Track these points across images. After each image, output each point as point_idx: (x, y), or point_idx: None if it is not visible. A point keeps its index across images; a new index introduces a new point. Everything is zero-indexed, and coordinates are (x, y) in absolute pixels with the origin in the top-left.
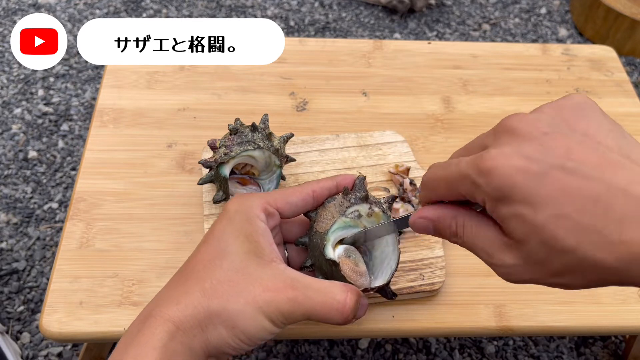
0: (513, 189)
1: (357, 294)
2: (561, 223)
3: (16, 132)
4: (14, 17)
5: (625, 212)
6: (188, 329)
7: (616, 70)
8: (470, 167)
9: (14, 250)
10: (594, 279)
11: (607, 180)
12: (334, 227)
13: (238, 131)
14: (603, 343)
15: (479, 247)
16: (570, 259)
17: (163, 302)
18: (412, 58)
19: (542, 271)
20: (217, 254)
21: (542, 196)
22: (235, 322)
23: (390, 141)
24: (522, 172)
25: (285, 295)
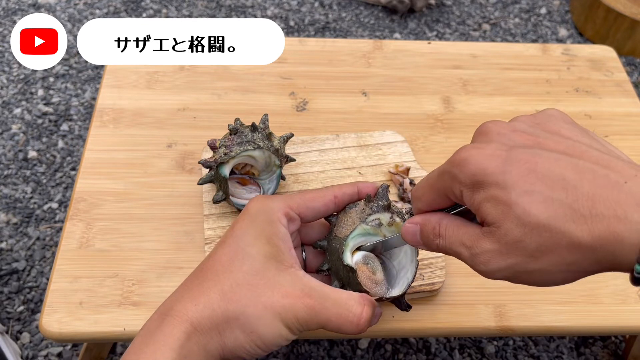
0: (485, 174)
1: (372, 306)
2: (532, 198)
3: (16, 132)
4: (14, 17)
5: (593, 188)
6: (205, 331)
7: (616, 70)
8: (447, 163)
9: (13, 250)
10: (571, 261)
11: (575, 162)
12: (353, 234)
13: (238, 131)
14: (603, 343)
15: (459, 243)
16: (545, 236)
17: (181, 300)
18: (412, 58)
19: (519, 253)
20: (236, 255)
21: (512, 176)
22: (253, 327)
23: (390, 141)
24: (493, 158)
25: (303, 303)
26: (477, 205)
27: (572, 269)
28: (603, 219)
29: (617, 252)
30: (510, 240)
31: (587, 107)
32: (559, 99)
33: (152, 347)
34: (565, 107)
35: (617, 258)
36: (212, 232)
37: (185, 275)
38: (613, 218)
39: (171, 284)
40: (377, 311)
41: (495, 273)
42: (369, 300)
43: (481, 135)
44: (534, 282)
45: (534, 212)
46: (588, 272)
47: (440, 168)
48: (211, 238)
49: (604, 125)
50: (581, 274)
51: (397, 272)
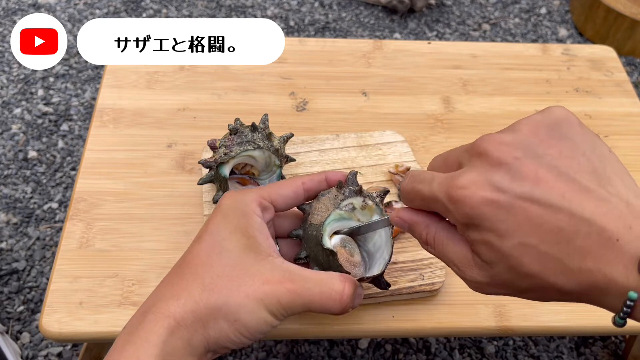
0: (481, 218)
1: (354, 284)
2: (526, 251)
3: (16, 132)
4: (14, 17)
5: (586, 243)
6: (189, 325)
7: (616, 70)
8: (441, 192)
9: (14, 250)
10: (557, 297)
11: (572, 210)
12: (329, 219)
13: (238, 131)
14: (603, 343)
15: (448, 260)
16: (534, 282)
17: (161, 298)
18: (412, 58)
19: (509, 289)
20: (213, 249)
21: (508, 226)
22: (237, 316)
23: (390, 141)
24: (490, 203)
25: (284, 287)
26: (471, 241)
27: (558, 300)
28: (591, 274)
29: (601, 301)
30: (501, 281)
31: (587, 107)
32: (559, 99)
33: (135, 346)
34: (566, 107)
35: (601, 304)
36: None
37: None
38: (600, 275)
39: None
40: (359, 291)
41: (487, 294)
42: (349, 278)
43: (479, 159)
44: (528, 299)
45: (526, 265)
46: (573, 302)
47: (434, 190)
48: None
49: (604, 125)
50: (568, 301)
51: (373, 253)
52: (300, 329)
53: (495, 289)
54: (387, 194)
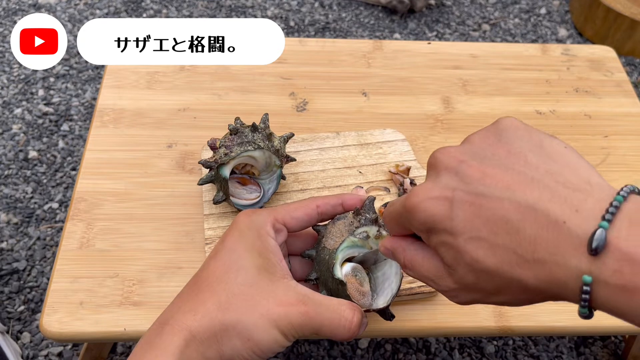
0: (434, 220)
1: (361, 313)
2: (479, 245)
3: (16, 132)
4: (14, 17)
5: (534, 231)
6: (204, 339)
7: (616, 70)
8: (400, 206)
9: (14, 250)
10: (524, 297)
11: (518, 199)
12: (342, 246)
13: (238, 131)
14: (603, 343)
15: (425, 277)
16: (496, 279)
17: (179, 311)
18: (412, 58)
19: (478, 293)
20: (230, 267)
21: (458, 222)
22: (250, 335)
23: (391, 140)
24: (439, 203)
25: (297, 310)
26: (434, 247)
27: (529, 301)
28: (545, 264)
29: (563, 294)
30: (467, 283)
31: (587, 107)
32: (559, 99)
33: (153, 354)
34: (565, 107)
35: (565, 298)
36: (213, 232)
37: (186, 275)
38: (553, 264)
39: (171, 284)
40: (364, 320)
41: (466, 303)
42: (358, 308)
43: (431, 169)
44: (503, 304)
45: (481, 260)
46: (545, 301)
47: (396, 207)
48: (211, 238)
49: (604, 125)
50: (541, 302)
51: (382, 282)
52: None
53: (467, 295)
54: None
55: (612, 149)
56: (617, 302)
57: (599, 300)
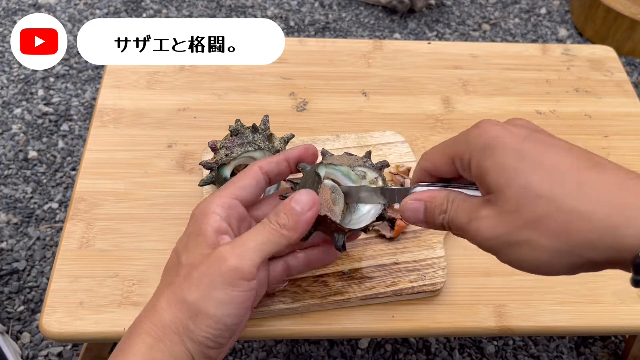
0: (502, 142)
1: (314, 200)
2: (542, 172)
3: (16, 132)
4: (14, 17)
5: (604, 177)
6: (163, 337)
7: (616, 70)
8: (465, 130)
9: (14, 250)
10: (565, 230)
11: (587, 155)
12: (337, 166)
13: (239, 132)
14: (603, 343)
15: (461, 213)
16: (543, 205)
17: (140, 318)
18: (412, 58)
19: (513, 221)
20: (173, 266)
21: (527, 149)
22: (197, 309)
23: (391, 141)
24: (513, 134)
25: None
26: (484, 171)
27: (560, 252)
28: (609, 197)
29: (621, 229)
30: (508, 208)
31: (587, 107)
32: (559, 99)
33: None
34: (565, 107)
35: (619, 237)
36: None
37: None
38: (619, 198)
39: None
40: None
41: (486, 241)
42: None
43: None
44: (519, 257)
45: (535, 183)
46: (575, 264)
47: (457, 135)
48: None
49: (604, 125)
50: (567, 262)
51: (352, 223)
52: (300, 329)
53: (499, 225)
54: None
55: (612, 149)
56: None
57: None
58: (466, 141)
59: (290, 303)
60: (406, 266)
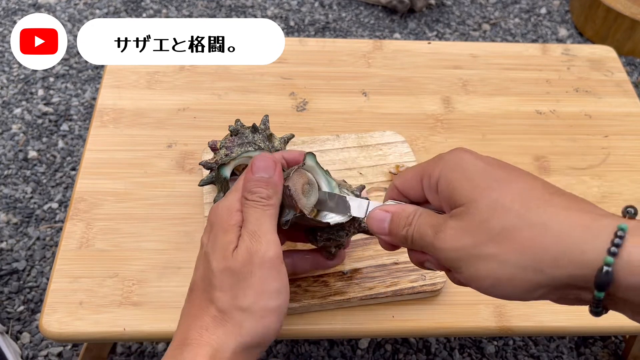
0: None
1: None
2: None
3: (16, 132)
4: (14, 17)
5: (567, 195)
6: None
7: (616, 70)
8: (440, 154)
9: (14, 250)
10: (530, 245)
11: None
12: (320, 168)
13: (239, 132)
14: (603, 343)
15: (426, 226)
16: (512, 218)
17: (192, 327)
18: (412, 58)
19: (481, 232)
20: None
21: (495, 171)
22: (261, 310)
23: (391, 141)
24: (479, 158)
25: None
26: (453, 186)
27: (523, 268)
28: (576, 216)
29: (587, 243)
30: (477, 219)
31: (587, 107)
32: (559, 99)
33: None
34: (565, 107)
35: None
36: None
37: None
38: (586, 218)
39: (171, 284)
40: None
41: (451, 252)
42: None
43: None
44: (481, 272)
45: (509, 197)
46: (536, 282)
47: (432, 158)
48: None
49: (604, 125)
50: (528, 279)
51: None
52: (300, 329)
53: (465, 236)
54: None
55: (613, 149)
56: None
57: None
58: (437, 161)
59: (290, 303)
60: (406, 266)
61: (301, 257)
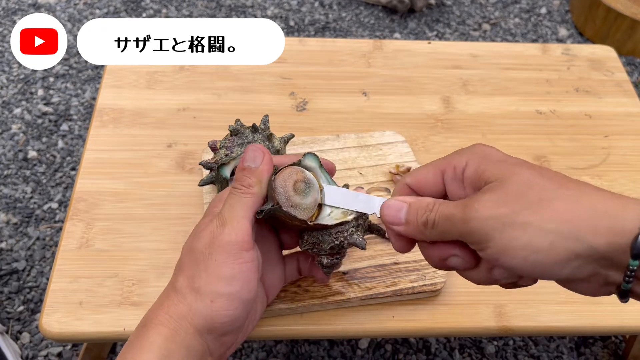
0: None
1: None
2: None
3: (16, 132)
4: (14, 17)
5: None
6: (179, 328)
7: (616, 70)
8: (459, 149)
9: (13, 250)
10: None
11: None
12: (325, 174)
13: (239, 132)
14: (603, 343)
15: (452, 207)
16: (548, 192)
17: (157, 305)
18: (412, 58)
19: (518, 202)
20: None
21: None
22: (212, 293)
23: (391, 141)
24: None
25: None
26: (483, 170)
27: (562, 236)
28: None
29: (622, 215)
30: (512, 191)
31: (587, 107)
32: (559, 99)
33: (131, 353)
34: (565, 107)
35: (621, 221)
36: None
37: None
38: (617, 198)
39: None
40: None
41: (486, 220)
42: None
43: None
44: (517, 241)
45: (540, 178)
46: (574, 251)
47: (449, 154)
48: None
49: (604, 125)
50: (567, 247)
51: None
52: (300, 329)
53: (500, 205)
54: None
55: (613, 149)
56: None
57: None
58: (461, 154)
59: (290, 303)
60: (406, 266)
61: (305, 260)
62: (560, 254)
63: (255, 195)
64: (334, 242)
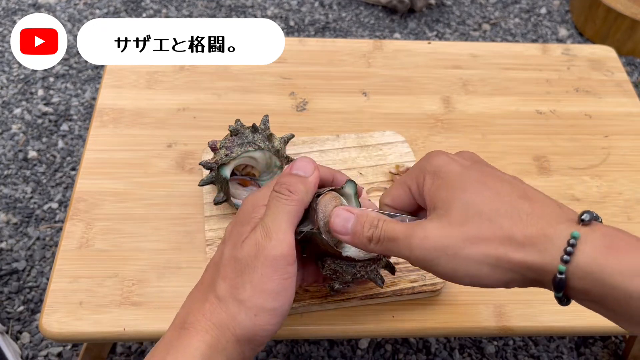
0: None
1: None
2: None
3: (16, 132)
4: (14, 17)
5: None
6: (221, 337)
7: (616, 70)
8: (418, 162)
9: (13, 250)
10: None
11: (519, 185)
12: (357, 203)
13: (239, 132)
14: (603, 343)
15: (396, 230)
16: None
17: (193, 309)
18: (412, 58)
19: (458, 235)
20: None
21: (469, 175)
22: (257, 307)
23: (391, 141)
24: (455, 161)
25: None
26: (436, 188)
27: (499, 264)
28: (538, 222)
29: (545, 249)
30: (454, 222)
31: (587, 107)
32: (559, 99)
33: (173, 356)
34: (565, 107)
35: (544, 255)
36: (214, 233)
37: (185, 276)
38: (545, 223)
39: (171, 284)
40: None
41: (427, 252)
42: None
43: None
44: (461, 272)
45: (479, 204)
46: (513, 278)
47: (411, 167)
48: (212, 239)
49: (604, 125)
50: (504, 275)
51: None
52: (300, 329)
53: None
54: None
55: (613, 149)
56: (599, 261)
57: (581, 259)
58: (420, 168)
59: None
60: (406, 266)
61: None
62: (499, 280)
63: (298, 204)
64: (355, 275)
